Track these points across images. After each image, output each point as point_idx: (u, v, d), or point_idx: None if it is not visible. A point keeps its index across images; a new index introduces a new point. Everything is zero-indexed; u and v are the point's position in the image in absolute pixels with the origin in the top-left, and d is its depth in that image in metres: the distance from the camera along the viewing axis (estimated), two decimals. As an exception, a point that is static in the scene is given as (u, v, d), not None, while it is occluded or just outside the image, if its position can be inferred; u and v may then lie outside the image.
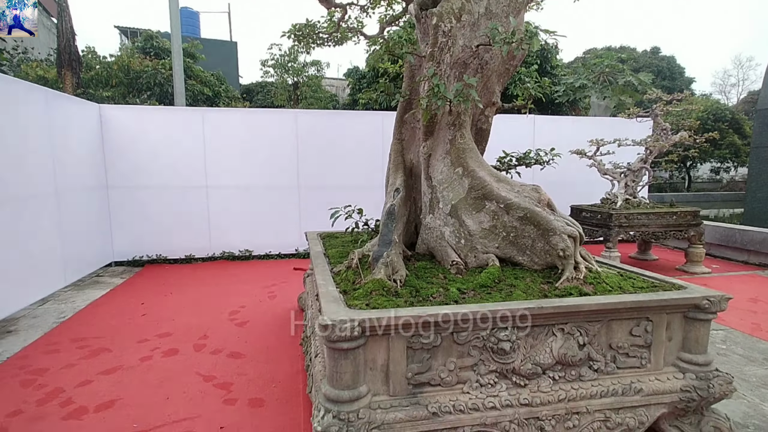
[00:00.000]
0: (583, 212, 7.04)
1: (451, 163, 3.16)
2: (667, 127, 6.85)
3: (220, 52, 18.07)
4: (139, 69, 9.56)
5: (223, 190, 7.28)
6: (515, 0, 2.98)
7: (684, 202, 19.34)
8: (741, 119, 20.25)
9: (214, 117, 7.20)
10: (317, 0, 3.75)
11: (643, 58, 26.47)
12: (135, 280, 6.21)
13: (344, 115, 7.95)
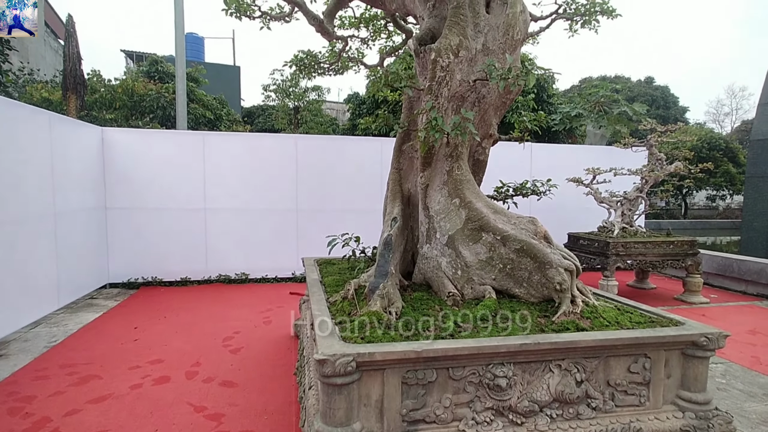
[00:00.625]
0: (581, 240, 7.05)
1: (449, 194, 3.19)
2: (662, 157, 6.94)
3: (223, 76, 18.42)
4: (142, 92, 9.72)
5: (222, 212, 7.29)
6: (511, 37, 3.07)
7: (681, 229, 19.45)
8: (735, 148, 20.54)
9: (215, 140, 7.28)
10: (319, 33, 3.85)
11: (637, 88, 27.02)
12: (129, 303, 6.15)
13: (343, 141, 8.04)
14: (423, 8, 3.36)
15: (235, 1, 3.63)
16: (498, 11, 3.14)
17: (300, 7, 3.66)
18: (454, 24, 3.04)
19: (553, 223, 7.36)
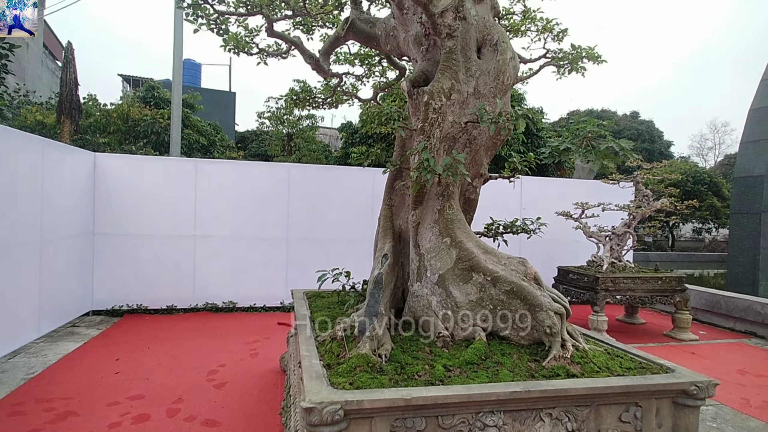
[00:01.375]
0: (570, 274, 7.08)
1: (440, 233, 3.21)
2: (649, 193, 7.08)
3: (219, 101, 18.62)
4: (138, 117, 9.77)
5: (212, 239, 7.24)
6: (501, 82, 3.16)
7: (668, 262, 19.65)
8: (719, 182, 21.04)
9: (207, 168, 7.29)
10: (315, 70, 3.94)
11: (623, 122, 27.81)
12: (112, 331, 6.00)
13: (336, 170, 8.10)
14: (416, 51, 3.47)
15: (233, 39, 3.71)
16: (489, 57, 3.25)
17: (297, 47, 3.76)
18: (446, 68, 3.14)
19: (543, 256, 7.50)
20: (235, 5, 3.23)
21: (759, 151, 9.81)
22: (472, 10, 3.27)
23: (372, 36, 3.87)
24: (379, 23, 3.88)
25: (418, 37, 3.39)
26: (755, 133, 9.97)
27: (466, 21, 3.21)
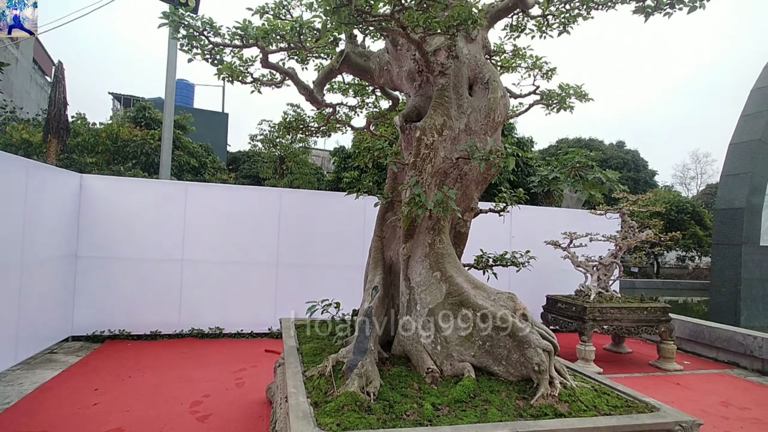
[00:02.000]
0: (559, 303, 7.12)
1: (430, 267, 3.22)
2: (634, 224, 7.22)
3: (211, 122, 18.69)
4: (127, 138, 9.73)
5: (200, 264, 7.14)
6: (492, 120, 3.25)
7: (653, 289, 19.87)
8: (701, 211, 21.54)
9: (198, 191, 7.26)
10: (308, 101, 4.00)
11: (610, 151, 28.53)
12: (92, 359, 5.82)
13: (328, 196, 8.13)
14: (410, 86, 3.56)
15: (227, 68, 3.77)
16: (480, 94, 3.34)
17: (291, 78, 3.83)
18: (438, 105, 3.22)
19: (532, 284, 7.55)
20: (231, 37, 3.30)
21: (739, 185, 10.11)
22: (464, 48, 3.38)
23: (366, 69, 3.96)
24: (373, 57, 3.98)
25: (412, 73, 3.48)
26: (735, 167, 10.30)
27: (458, 59, 3.31)
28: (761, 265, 10.02)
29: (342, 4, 2.40)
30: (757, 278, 9.98)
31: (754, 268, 9.93)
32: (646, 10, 3.05)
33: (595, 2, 3.41)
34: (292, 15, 3.71)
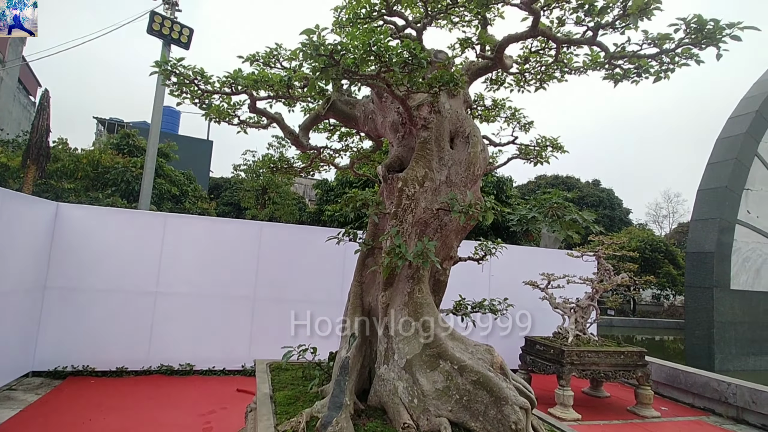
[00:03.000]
0: (537, 345, 7.14)
1: (409, 316, 3.22)
2: (610, 268, 7.38)
3: (195, 149, 18.64)
4: (109, 165, 9.61)
5: (174, 297, 6.96)
6: (472, 173, 3.35)
7: (630, 328, 20.11)
8: (674, 251, 22.15)
9: (177, 223, 7.16)
10: (293, 145, 4.06)
11: (586, 188, 29.42)
12: (52, 397, 5.53)
13: (309, 231, 8.11)
14: (393, 137, 3.65)
15: (215, 110, 3.81)
16: (461, 148, 3.45)
17: (278, 123, 3.89)
18: (421, 157, 3.30)
19: (510, 324, 7.57)
20: (221, 85, 3.36)
21: (708, 229, 10.49)
22: (446, 104, 3.51)
23: (351, 117, 4.06)
24: (358, 105, 4.08)
25: (395, 124, 3.58)
26: (704, 212, 10.72)
27: (440, 114, 3.43)
28: (732, 309, 10.29)
29: (330, 64, 2.48)
30: (729, 321, 10.22)
31: (726, 312, 10.19)
32: (615, 77, 3.25)
33: (568, 68, 3.62)
34: (281, 64, 3.81)
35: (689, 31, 2.72)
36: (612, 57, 3.09)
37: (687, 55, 2.88)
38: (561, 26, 3.13)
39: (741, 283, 10.55)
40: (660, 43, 2.84)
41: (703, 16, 2.61)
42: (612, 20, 2.79)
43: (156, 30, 8.22)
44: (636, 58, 3.03)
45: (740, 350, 10.28)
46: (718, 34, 2.64)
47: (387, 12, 3.77)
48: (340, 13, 4.23)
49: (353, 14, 3.75)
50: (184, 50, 8.78)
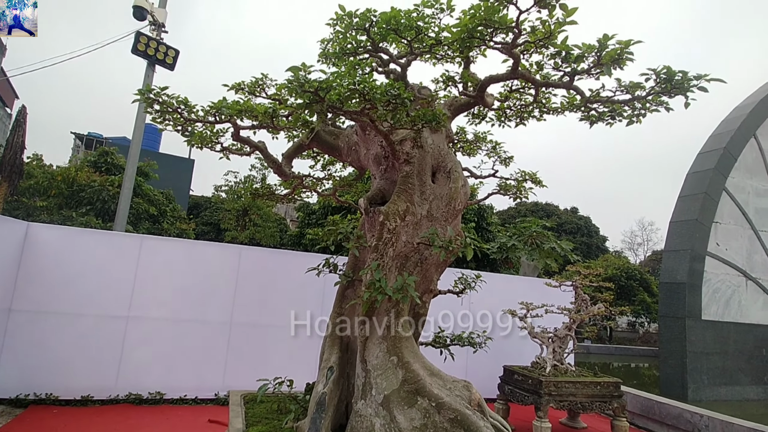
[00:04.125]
0: (515, 375, 7.13)
1: (387, 350, 3.20)
2: (587, 298, 7.49)
3: (176, 167, 18.41)
4: (84, 182, 9.39)
5: (146, 321, 6.74)
6: (453, 208, 3.40)
7: (607, 355, 20.30)
8: (648, 279, 22.68)
9: (154, 245, 6.99)
10: (276, 173, 4.06)
11: (564, 216, 30.10)
12: (12, 428, 5.22)
13: (289, 255, 8.03)
14: (376, 169, 3.69)
15: (198, 137, 3.80)
16: (443, 182, 3.51)
17: (261, 151, 3.89)
18: (402, 191, 3.34)
19: (490, 351, 7.55)
20: (205, 114, 3.36)
21: (679, 261, 10.80)
22: (428, 139, 3.58)
23: (335, 147, 4.09)
24: (342, 136, 4.13)
25: (378, 157, 3.63)
26: (676, 243, 11.05)
27: (422, 149, 3.49)
28: (704, 339, 10.52)
29: (315, 100, 2.52)
30: (701, 351, 10.43)
31: (698, 342, 10.41)
32: (591, 119, 3.39)
33: (546, 108, 3.76)
34: (267, 93, 3.84)
35: (659, 81, 2.87)
36: (588, 101, 3.23)
37: (657, 103, 3.03)
38: (540, 70, 3.27)
39: (711, 313, 10.83)
40: (632, 90, 2.99)
41: (672, 67, 2.77)
42: (587, 67, 2.93)
43: (141, 50, 8.20)
44: (610, 103, 3.17)
45: (711, 380, 10.47)
46: (686, 85, 2.79)
47: (373, 48, 3.87)
48: (327, 45, 4.31)
49: (340, 48, 3.83)
50: (169, 71, 8.77)
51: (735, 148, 11.48)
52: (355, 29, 3.59)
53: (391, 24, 3.33)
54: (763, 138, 12.11)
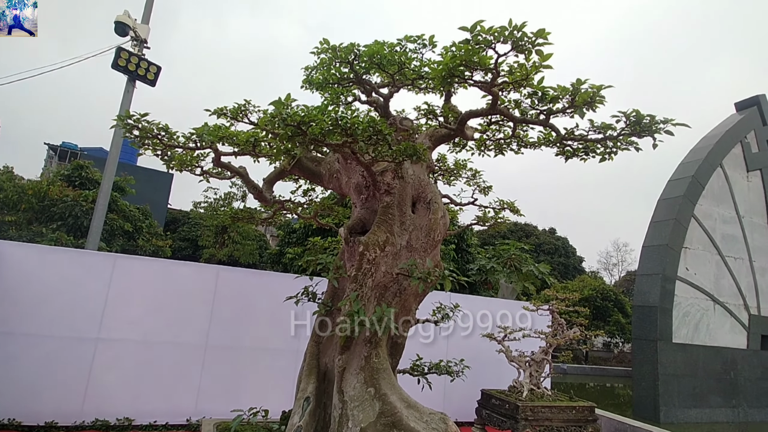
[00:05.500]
0: (493, 399, 7.15)
1: (365, 381, 3.18)
2: (563, 322, 7.61)
3: (154, 181, 18.05)
4: (57, 197, 9.11)
5: (117, 343, 6.51)
6: (432, 239, 3.45)
7: (583, 375, 20.55)
8: (623, 300, 23.18)
9: (127, 264, 6.81)
10: (257, 199, 4.05)
11: (543, 236, 30.68)
12: (-36, 460, 4.93)
13: (268, 276, 7.92)
14: (357, 198, 3.72)
15: (177, 160, 3.77)
16: (422, 213, 3.56)
17: (242, 177, 3.89)
18: (383, 222, 3.38)
19: (469, 374, 7.56)
20: (186, 140, 3.35)
21: (651, 284, 11.10)
22: (410, 169, 3.64)
23: (316, 173, 4.12)
24: (324, 163, 4.16)
25: (359, 186, 3.66)
26: (648, 267, 11.37)
27: (403, 180, 3.55)
28: (675, 362, 10.76)
29: (297, 134, 2.55)
30: (672, 374, 10.66)
31: (669, 365, 10.64)
32: (566, 154, 3.51)
33: (524, 143, 3.88)
34: (249, 119, 3.86)
35: (629, 123, 3.01)
36: (563, 138, 3.36)
37: (627, 143, 3.17)
38: (518, 107, 3.39)
39: (682, 336, 11.11)
40: (604, 130, 3.13)
41: (641, 111, 2.91)
42: (562, 107, 3.05)
43: (121, 66, 8.11)
44: (584, 141, 3.30)
45: (682, 402, 10.68)
46: (654, 128, 2.94)
47: (356, 80, 3.94)
48: (311, 73, 4.37)
49: (324, 78, 3.89)
50: (151, 86, 8.69)
51: (703, 176, 11.98)
52: (340, 61, 3.66)
53: (375, 59, 3.41)
54: (728, 167, 12.69)
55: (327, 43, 3.56)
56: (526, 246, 11.02)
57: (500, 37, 2.55)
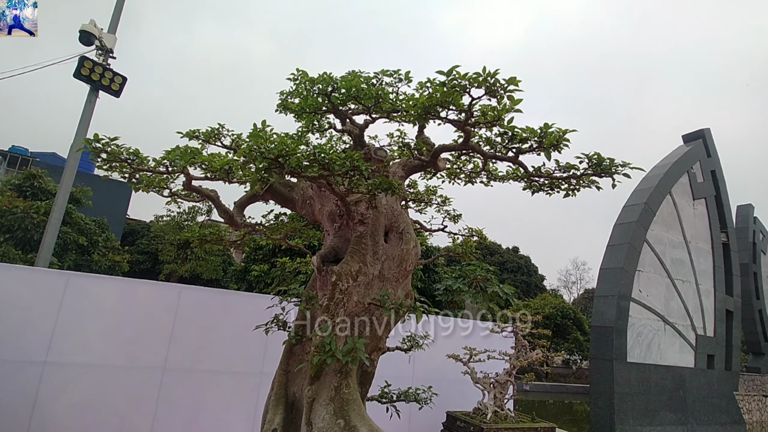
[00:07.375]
0: (458, 421, 7.21)
1: (334, 413, 3.16)
2: (526, 344, 7.82)
3: (114, 191, 17.21)
4: (5, 208, 8.56)
5: (67, 368, 6.13)
6: (404, 269, 3.50)
7: (544, 392, 21.04)
8: (581, 318, 24.01)
9: (81, 283, 6.47)
10: (227, 224, 3.98)
11: (507, 255, 31.49)
12: None
13: (232, 296, 7.73)
14: (330, 226, 3.74)
15: (145, 178, 3.67)
16: (395, 243, 3.61)
17: (213, 201, 3.82)
18: (356, 251, 3.40)
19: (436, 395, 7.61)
20: (156, 164, 3.27)
21: (608, 306, 11.61)
22: (383, 199, 3.70)
23: (289, 199, 4.10)
24: (297, 189, 4.15)
25: (333, 214, 3.68)
26: (604, 289, 11.89)
27: (377, 210, 3.60)
28: (629, 380, 11.22)
29: (274, 166, 2.56)
30: (627, 393, 11.10)
31: (624, 384, 11.08)
32: (533, 188, 3.68)
33: (493, 176, 4.04)
34: (222, 142, 3.81)
35: (591, 164, 3.20)
36: (530, 175, 3.52)
37: (589, 182, 3.36)
38: (489, 143, 3.54)
39: (635, 356, 11.61)
40: (568, 170, 3.31)
41: (602, 154, 3.11)
42: (530, 147, 3.21)
43: (84, 75, 7.81)
44: (550, 178, 3.47)
45: (636, 420, 11.11)
46: (613, 170, 3.14)
47: (332, 110, 3.99)
48: (287, 98, 4.38)
49: (300, 108, 3.92)
50: (115, 98, 8.39)
51: (654, 203, 12.72)
52: (316, 93, 3.70)
53: (352, 92, 3.47)
54: (677, 195, 13.54)
55: (306, 76, 3.60)
56: (491, 267, 11.30)
57: (474, 82, 2.68)
